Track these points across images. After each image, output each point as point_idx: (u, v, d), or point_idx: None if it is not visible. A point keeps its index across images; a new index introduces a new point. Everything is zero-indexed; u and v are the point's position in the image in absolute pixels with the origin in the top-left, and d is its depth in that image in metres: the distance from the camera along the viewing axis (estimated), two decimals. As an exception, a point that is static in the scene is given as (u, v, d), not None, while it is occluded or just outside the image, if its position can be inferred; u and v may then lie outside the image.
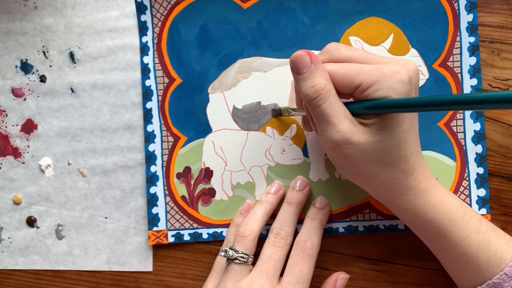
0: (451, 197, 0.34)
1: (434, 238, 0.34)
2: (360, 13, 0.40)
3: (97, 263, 0.43)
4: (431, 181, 0.33)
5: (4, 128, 0.44)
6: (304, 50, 0.31)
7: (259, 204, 0.39)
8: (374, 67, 0.31)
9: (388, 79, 0.30)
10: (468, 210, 0.34)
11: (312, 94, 0.31)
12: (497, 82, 0.40)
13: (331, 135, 0.31)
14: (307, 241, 0.36)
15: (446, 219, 0.33)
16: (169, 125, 0.42)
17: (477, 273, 0.33)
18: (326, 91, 0.31)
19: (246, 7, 0.41)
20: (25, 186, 0.44)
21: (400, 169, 0.32)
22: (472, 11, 0.40)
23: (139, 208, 0.43)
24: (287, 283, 0.35)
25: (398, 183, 0.32)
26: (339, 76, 0.31)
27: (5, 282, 0.44)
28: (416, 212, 0.33)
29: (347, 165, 0.33)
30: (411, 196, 0.33)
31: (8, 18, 0.43)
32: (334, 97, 0.31)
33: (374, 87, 0.30)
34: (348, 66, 0.31)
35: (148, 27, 0.42)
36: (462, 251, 0.33)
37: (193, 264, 0.42)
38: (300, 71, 0.31)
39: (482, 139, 0.40)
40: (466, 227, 0.33)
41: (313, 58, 0.31)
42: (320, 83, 0.31)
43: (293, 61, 0.32)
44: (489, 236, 0.33)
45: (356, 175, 0.34)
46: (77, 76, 0.43)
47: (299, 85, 0.32)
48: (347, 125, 0.31)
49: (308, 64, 0.31)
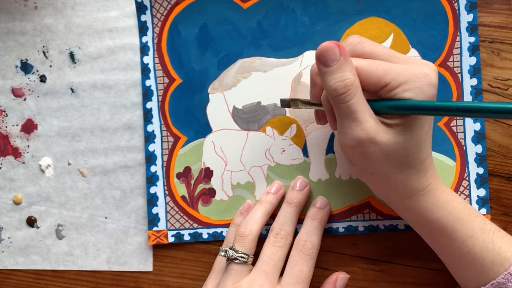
0: (456, 197, 0.34)
1: (438, 237, 0.34)
2: (360, 13, 0.40)
3: (97, 263, 0.43)
4: (439, 182, 0.34)
5: (4, 128, 0.44)
6: (333, 42, 0.30)
7: (259, 204, 0.39)
8: (403, 67, 0.30)
9: (418, 80, 0.30)
10: (472, 210, 0.34)
11: (340, 89, 0.30)
12: (497, 82, 0.40)
13: (355, 133, 0.30)
14: (307, 241, 0.36)
15: (452, 218, 0.33)
16: (169, 125, 0.42)
17: (481, 272, 0.33)
18: (355, 87, 0.30)
19: (246, 7, 0.41)
20: (25, 186, 0.44)
21: (416, 170, 0.32)
22: (472, 11, 0.40)
23: (139, 208, 0.43)
24: (287, 283, 0.35)
25: (410, 184, 0.32)
26: (366, 72, 0.30)
27: (5, 282, 0.44)
28: (423, 212, 0.33)
29: (365, 165, 0.32)
30: (420, 197, 0.33)
31: (8, 18, 0.43)
32: (361, 94, 0.30)
33: (403, 87, 0.30)
34: (376, 63, 0.30)
35: (148, 27, 0.42)
36: (467, 251, 0.33)
37: (193, 264, 0.42)
38: (329, 64, 0.30)
39: (482, 139, 0.40)
40: (471, 226, 0.33)
41: (342, 50, 0.30)
42: (350, 77, 0.30)
43: (321, 52, 0.30)
44: (493, 236, 0.33)
45: (370, 175, 0.33)
46: (77, 76, 0.43)
47: (326, 78, 0.30)
48: (372, 123, 0.30)
49: (337, 56, 0.30)
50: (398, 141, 0.30)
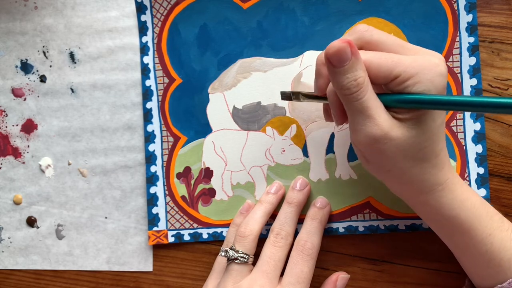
0: (474, 193, 0.33)
1: (456, 235, 0.33)
2: (360, 13, 0.40)
3: (97, 263, 0.43)
4: (457, 177, 0.33)
5: (4, 128, 0.44)
6: (344, 40, 0.29)
7: (259, 204, 0.39)
8: (413, 58, 0.29)
9: (428, 72, 0.29)
10: (490, 207, 0.33)
11: (353, 88, 0.29)
12: (497, 82, 0.40)
13: (370, 129, 0.30)
14: (307, 241, 0.36)
15: (471, 215, 0.32)
16: (169, 125, 0.42)
17: (499, 271, 0.32)
18: (366, 84, 0.29)
19: (246, 7, 0.41)
20: (25, 186, 0.44)
21: (432, 164, 0.31)
22: (472, 11, 0.40)
23: (139, 208, 0.43)
24: (287, 283, 0.35)
25: (428, 179, 0.32)
26: (375, 65, 0.30)
27: (5, 282, 0.44)
28: (442, 208, 0.32)
29: (381, 161, 0.32)
30: (438, 192, 0.32)
31: (8, 18, 0.43)
32: (372, 89, 0.30)
33: (414, 79, 0.29)
34: (385, 56, 0.30)
35: (148, 27, 0.42)
36: (485, 249, 0.32)
37: (193, 264, 0.42)
38: (341, 64, 0.29)
39: (482, 139, 0.40)
40: (489, 224, 0.32)
41: (353, 49, 0.29)
42: (362, 75, 0.29)
43: (333, 53, 0.29)
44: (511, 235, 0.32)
45: (387, 172, 0.33)
46: (77, 76, 0.43)
47: (337, 78, 0.30)
48: (385, 118, 0.30)
49: (349, 56, 0.29)
50: (411, 135, 0.30)
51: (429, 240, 0.36)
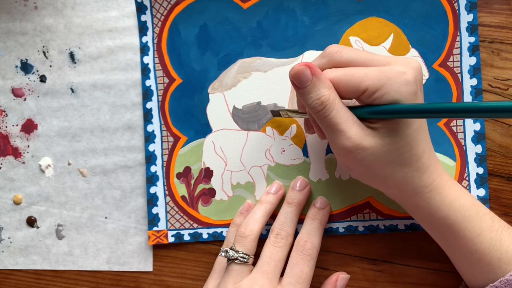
0: (465, 194, 0.34)
1: (447, 235, 0.34)
2: (360, 13, 0.40)
3: (97, 263, 0.43)
4: (445, 178, 0.33)
5: (4, 128, 0.44)
6: (303, 63, 0.31)
7: (259, 204, 0.39)
8: (378, 70, 0.30)
9: (393, 82, 0.30)
10: (481, 207, 0.34)
11: (318, 106, 0.31)
12: (497, 82, 0.40)
13: (342, 142, 0.31)
14: (307, 242, 0.36)
15: (460, 215, 0.33)
16: (169, 125, 0.42)
17: (489, 270, 0.33)
18: (331, 101, 0.31)
19: (246, 7, 0.41)
20: (25, 186, 0.44)
21: (414, 168, 0.32)
22: (472, 11, 0.40)
23: (139, 208, 0.43)
24: (287, 283, 0.35)
25: (412, 182, 0.32)
26: (343, 83, 0.31)
27: (5, 282, 0.44)
28: (431, 210, 0.33)
29: (361, 170, 0.33)
30: (426, 194, 0.33)
31: (8, 18, 0.43)
32: (340, 104, 0.31)
33: (381, 91, 0.30)
34: (352, 72, 0.31)
35: (148, 27, 0.42)
36: (475, 249, 0.33)
37: (193, 264, 0.42)
38: (303, 85, 0.31)
39: (482, 139, 0.40)
40: (479, 224, 0.33)
41: (313, 70, 0.31)
42: (325, 94, 0.31)
43: (293, 76, 0.31)
44: (502, 234, 0.33)
45: (370, 179, 0.34)
46: (77, 76, 0.43)
47: (303, 98, 0.32)
48: (356, 130, 0.31)
49: (309, 77, 0.31)
50: (386, 143, 0.31)
51: (429, 240, 0.36)
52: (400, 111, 0.29)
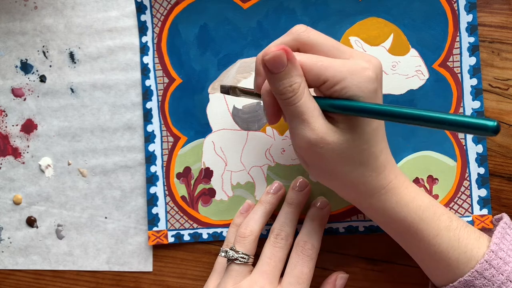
0: (421, 195, 0.33)
1: (406, 237, 0.34)
2: (360, 13, 0.40)
3: (97, 263, 0.43)
4: (401, 179, 0.33)
5: (4, 128, 0.44)
6: (280, 46, 0.29)
7: (259, 204, 0.39)
8: (342, 63, 0.29)
9: (355, 77, 0.29)
10: (439, 207, 0.33)
11: (289, 93, 0.30)
12: (497, 82, 0.40)
13: (305, 133, 0.30)
14: (307, 242, 0.36)
15: (417, 217, 0.32)
16: (169, 125, 0.42)
17: (448, 270, 0.33)
18: (301, 89, 0.30)
19: (246, 7, 0.41)
20: (25, 186, 0.44)
21: (371, 167, 0.31)
22: (472, 11, 0.40)
23: (139, 208, 0.43)
24: (287, 283, 0.35)
25: (369, 182, 0.32)
26: (306, 67, 0.30)
27: (5, 282, 0.44)
28: (387, 211, 0.33)
29: (319, 164, 0.32)
30: (382, 195, 0.32)
31: (8, 18, 0.43)
32: (308, 94, 0.30)
33: (341, 84, 0.29)
34: (316, 59, 0.30)
35: (148, 27, 0.42)
36: (433, 250, 0.33)
37: (193, 264, 0.42)
38: (277, 71, 0.29)
39: (483, 139, 0.40)
40: (436, 224, 0.32)
41: (289, 55, 0.29)
42: (297, 81, 0.29)
43: (268, 60, 0.29)
44: (460, 233, 0.33)
45: (328, 175, 0.33)
46: (77, 76, 0.43)
47: (273, 83, 0.30)
48: (321, 123, 0.30)
49: (285, 63, 0.29)
50: (346, 139, 0.30)
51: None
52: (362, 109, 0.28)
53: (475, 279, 0.31)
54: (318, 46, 0.31)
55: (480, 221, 0.40)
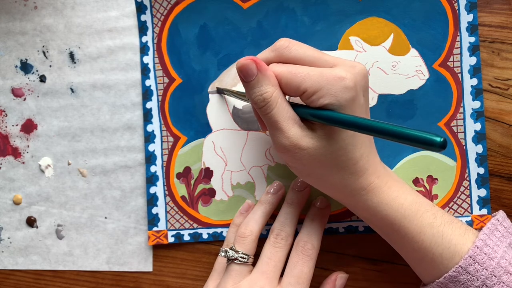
0: (405, 193, 0.34)
1: (390, 234, 0.34)
2: (360, 13, 0.40)
3: (97, 263, 0.43)
4: (384, 179, 0.33)
5: (4, 128, 0.44)
6: (250, 57, 0.31)
7: (259, 204, 0.39)
8: (320, 72, 0.30)
9: (331, 86, 0.30)
10: (423, 204, 0.34)
11: (260, 102, 0.31)
12: (497, 82, 0.40)
13: (280, 140, 0.31)
14: (307, 242, 0.36)
15: (399, 215, 0.33)
16: (169, 125, 0.42)
17: (433, 267, 0.33)
18: (273, 99, 0.31)
19: (246, 7, 0.41)
20: (25, 186, 0.44)
21: (350, 171, 0.32)
22: (472, 11, 0.40)
23: (139, 208, 0.43)
24: (287, 283, 0.35)
25: (349, 185, 0.33)
26: (285, 80, 0.31)
27: (5, 282, 0.44)
28: (369, 210, 0.33)
29: (299, 167, 0.33)
30: (363, 196, 0.33)
31: (8, 18, 0.43)
32: (283, 103, 0.31)
33: (318, 94, 0.30)
34: (295, 70, 0.31)
35: (148, 27, 0.42)
36: (417, 246, 0.33)
37: (193, 264, 0.42)
38: (247, 79, 0.31)
39: (483, 139, 0.40)
40: (419, 221, 0.33)
41: (259, 65, 0.31)
42: (268, 91, 0.31)
43: (239, 69, 0.31)
44: (443, 229, 0.33)
45: (308, 177, 0.34)
46: (77, 76, 0.43)
47: (247, 92, 0.32)
48: (295, 130, 0.31)
49: (254, 72, 0.31)
50: (322, 145, 0.31)
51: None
52: (334, 120, 0.29)
53: (460, 274, 0.32)
54: (301, 61, 0.32)
55: (480, 221, 0.40)
